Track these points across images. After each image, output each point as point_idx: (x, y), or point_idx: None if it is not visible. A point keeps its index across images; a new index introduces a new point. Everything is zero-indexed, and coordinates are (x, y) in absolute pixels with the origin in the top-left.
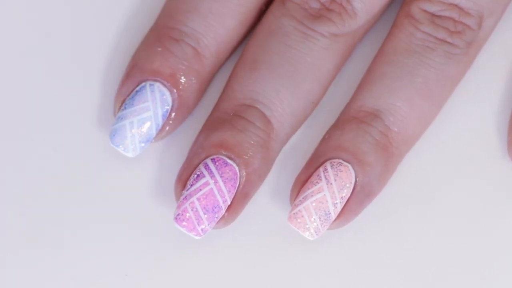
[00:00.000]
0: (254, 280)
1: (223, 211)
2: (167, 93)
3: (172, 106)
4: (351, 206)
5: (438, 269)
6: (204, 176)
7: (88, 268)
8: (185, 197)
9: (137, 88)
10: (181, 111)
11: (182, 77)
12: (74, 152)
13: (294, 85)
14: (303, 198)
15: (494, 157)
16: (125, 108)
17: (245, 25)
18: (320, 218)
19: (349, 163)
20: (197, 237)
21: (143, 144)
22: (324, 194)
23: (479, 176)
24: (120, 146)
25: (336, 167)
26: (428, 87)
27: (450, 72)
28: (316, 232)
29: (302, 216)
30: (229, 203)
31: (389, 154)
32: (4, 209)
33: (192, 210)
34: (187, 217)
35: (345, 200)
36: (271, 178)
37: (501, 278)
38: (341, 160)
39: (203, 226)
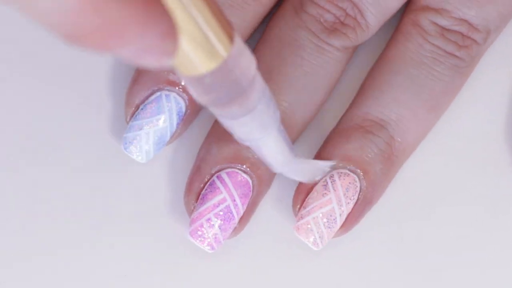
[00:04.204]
0: (252, 282)
1: (236, 223)
2: (182, 103)
3: (185, 112)
4: (354, 215)
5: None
6: (220, 192)
7: (88, 268)
8: (201, 211)
9: (153, 97)
10: (193, 115)
11: None
12: (73, 152)
13: (308, 98)
14: (311, 208)
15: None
16: (140, 117)
17: (258, 20)
18: (326, 229)
19: (356, 174)
20: (210, 251)
21: (156, 152)
22: (333, 206)
23: (480, 179)
24: (135, 155)
25: (344, 178)
26: (434, 99)
27: (455, 84)
28: (322, 242)
29: (310, 227)
30: (241, 214)
31: (391, 163)
32: (6, 209)
33: (208, 226)
34: (203, 231)
35: (349, 210)
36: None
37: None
38: (347, 171)
39: (218, 242)
